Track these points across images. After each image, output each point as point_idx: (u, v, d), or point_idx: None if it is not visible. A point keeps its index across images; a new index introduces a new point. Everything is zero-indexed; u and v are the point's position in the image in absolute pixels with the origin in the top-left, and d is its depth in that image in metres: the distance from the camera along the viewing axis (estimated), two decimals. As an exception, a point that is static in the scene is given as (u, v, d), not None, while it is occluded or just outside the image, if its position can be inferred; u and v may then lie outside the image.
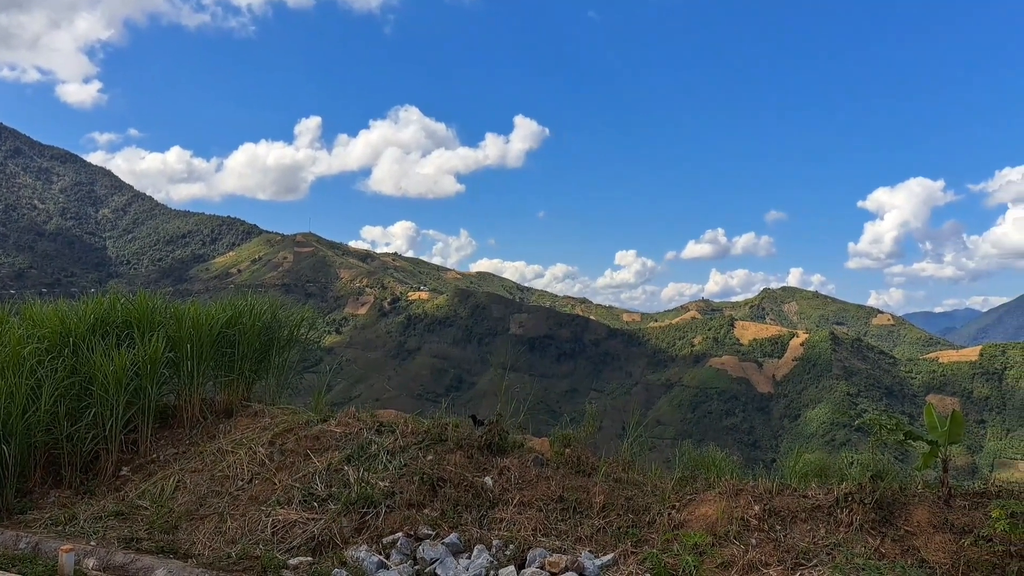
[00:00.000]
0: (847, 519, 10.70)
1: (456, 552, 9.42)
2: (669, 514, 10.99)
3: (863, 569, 8.93)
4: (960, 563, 9.91)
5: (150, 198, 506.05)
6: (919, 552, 10.18)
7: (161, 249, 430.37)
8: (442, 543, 9.44)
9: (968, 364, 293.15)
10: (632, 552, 10.11)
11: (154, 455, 12.73)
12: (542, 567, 9.21)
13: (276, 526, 10.04)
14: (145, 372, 12.56)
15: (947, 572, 9.78)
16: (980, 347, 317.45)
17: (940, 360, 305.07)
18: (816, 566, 9.76)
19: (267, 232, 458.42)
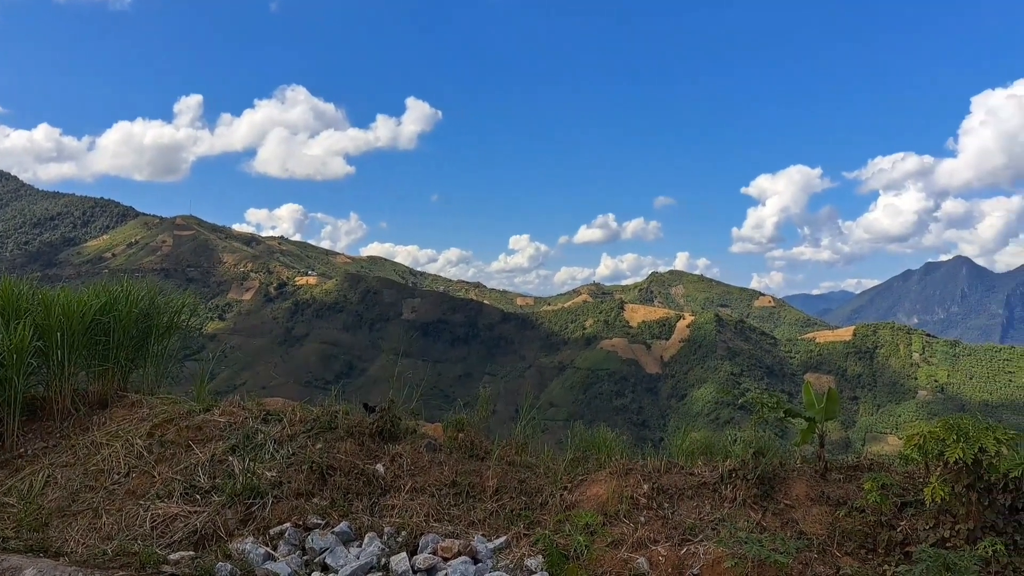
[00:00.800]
0: (731, 495, 11.02)
1: (347, 541, 9.27)
2: (561, 495, 11.09)
3: (745, 542, 9.20)
4: (835, 533, 10.35)
5: (15, 178, 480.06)
6: (798, 524, 10.58)
7: (28, 232, 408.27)
8: (332, 532, 9.27)
9: (843, 344, 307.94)
10: (525, 534, 10.15)
11: (21, 449, 12.04)
12: (434, 552, 9.15)
13: (155, 520, 9.64)
14: (10, 363, 11.86)
15: (823, 542, 10.19)
16: (853, 327, 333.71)
17: (817, 340, 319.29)
18: (702, 541, 10.01)
19: (144, 215, 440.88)
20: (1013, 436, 10.29)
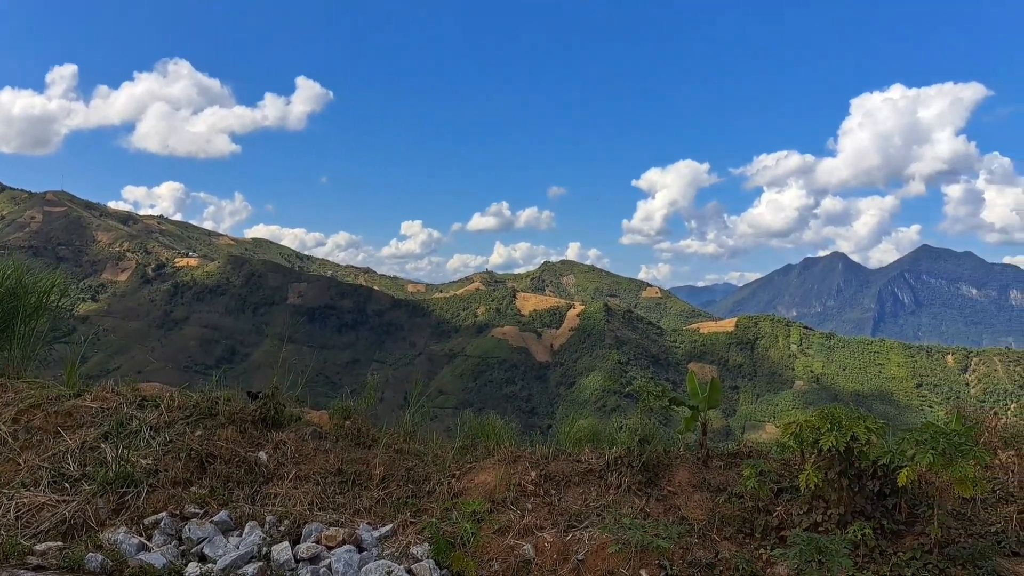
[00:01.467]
0: (616, 481, 11.20)
1: (226, 530, 8.98)
2: (449, 483, 11.04)
3: (629, 528, 9.35)
4: (715, 518, 10.63)
5: None
6: (680, 510, 10.83)
7: None
8: (210, 521, 8.96)
9: (725, 334, 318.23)
10: (411, 522, 10.06)
11: None
12: (318, 541, 8.97)
13: (20, 510, 9.11)
14: None
15: (704, 527, 10.45)
16: (736, 319, 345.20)
17: (701, 331, 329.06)
18: (587, 527, 10.12)
19: (12, 189, 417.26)
20: (882, 425, 10.78)
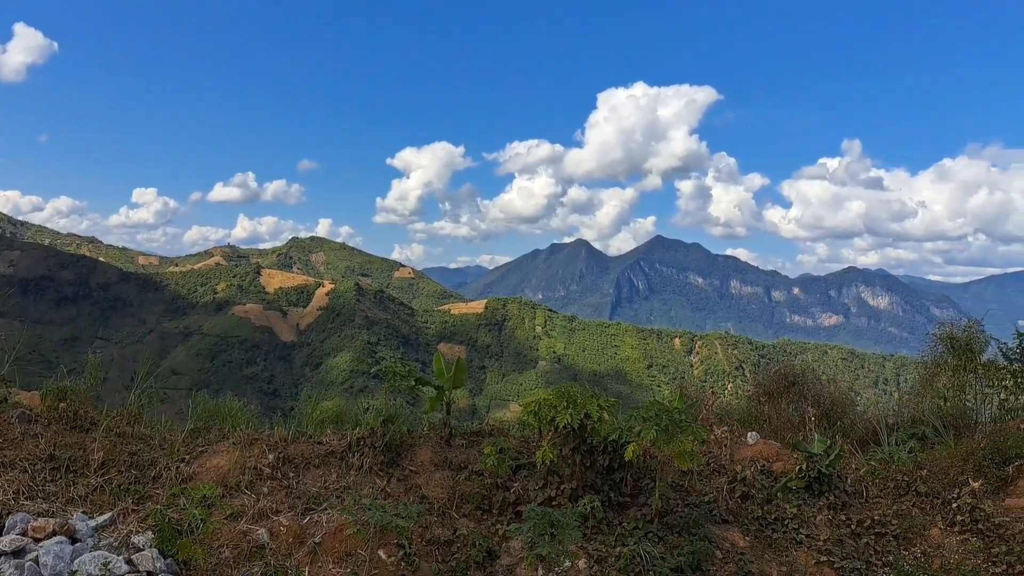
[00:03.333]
0: (358, 463, 11.04)
1: (-93, 527, 7.89)
2: (178, 467, 10.39)
3: (369, 509, 9.23)
4: (455, 497, 10.77)
5: None
6: (421, 489, 10.87)
7: None
8: None
9: (475, 316, 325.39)
10: (134, 509, 9.37)
11: None
12: (24, 533, 8.16)
13: None
14: None
15: (444, 506, 10.55)
16: (486, 301, 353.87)
17: (452, 312, 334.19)
18: (326, 509, 9.91)
19: None
20: (613, 403, 11.37)
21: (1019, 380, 21.32)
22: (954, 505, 11.69)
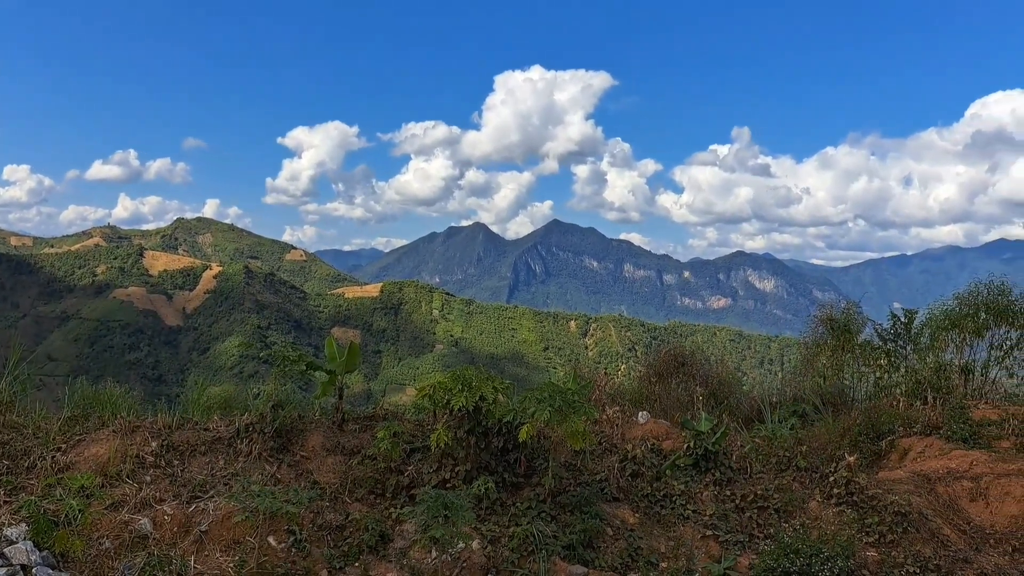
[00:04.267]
0: (247, 449, 10.79)
1: None
2: (53, 457, 9.93)
3: (258, 496, 9.04)
4: (347, 481, 10.65)
5: None
6: (312, 475, 10.70)
7: None
8: None
9: (370, 299, 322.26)
10: (6, 501, 8.94)
11: None
12: None
13: None
14: None
15: (336, 491, 10.42)
16: (381, 284, 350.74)
17: (346, 295, 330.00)
18: (212, 497, 9.66)
19: None
20: (508, 385, 11.43)
21: (892, 359, 22.44)
22: (831, 479, 12.21)
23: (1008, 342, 21.55)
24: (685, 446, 12.67)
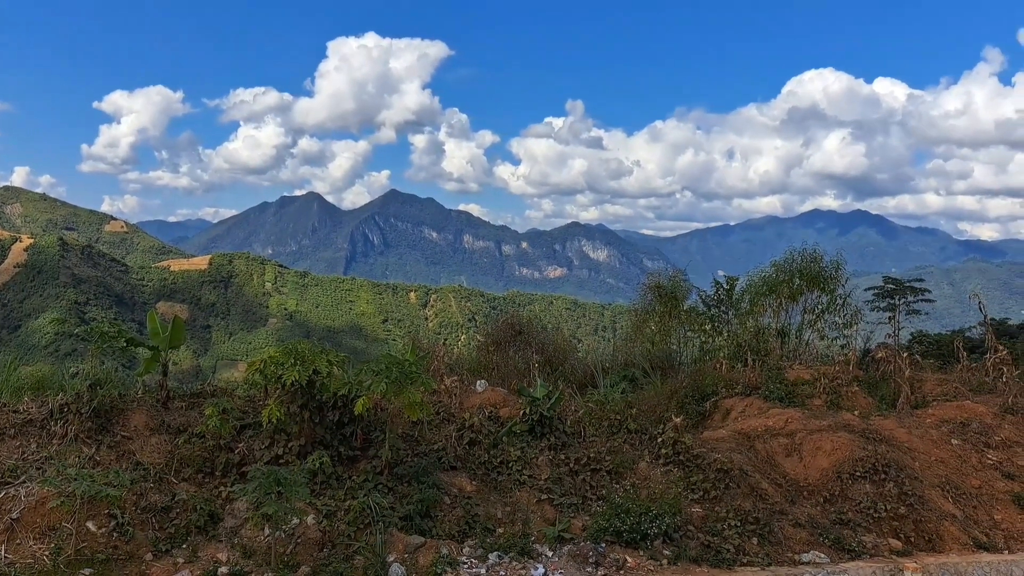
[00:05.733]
0: (62, 431, 10.18)
1: None
2: None
3: (75, 479, 8.54)
4: (174, 461, 10.21)
5: None
6: (135, 455, 10.20)
7: None
8: None
9: (198, 272, 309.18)
10: None
11: None
12: None
13: None
14: None
15: (161, 471, 9.97)
16: (210, 257, 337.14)
17: (172, 268, 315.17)
18: (24, 482, 9.07)
19: None
20: (344, 358, 11.25)
21: (716, 324, 23.66)
22: (659, 440, 12.76)
23: (819, 306, 23.19)
24: (521, 413, 12.89)
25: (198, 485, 10.06)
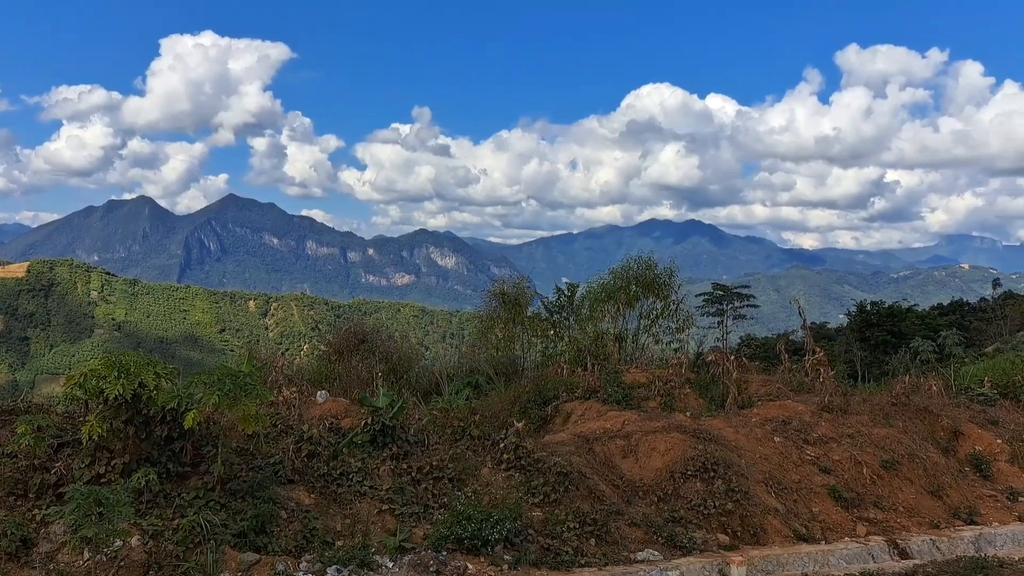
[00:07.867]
0: None
1: None
2: None
3: None
4: (-19, 483, 9.45)
5: None
6: (-64, 480, 9.36)
7: None
8: None
9: (15, 280, 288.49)
10: None
11: None
12: None
13: None
14: None
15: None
16: (28, 263, 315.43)
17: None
18: None
19: None
20: (173, 370, 10.72)
21: (558, 330, 24.15)
22: (501, 445, 12.86)
23: (655, 311, 24.07)
24: (363, 423, 12.68)
25: (9, 508, 9.33)
